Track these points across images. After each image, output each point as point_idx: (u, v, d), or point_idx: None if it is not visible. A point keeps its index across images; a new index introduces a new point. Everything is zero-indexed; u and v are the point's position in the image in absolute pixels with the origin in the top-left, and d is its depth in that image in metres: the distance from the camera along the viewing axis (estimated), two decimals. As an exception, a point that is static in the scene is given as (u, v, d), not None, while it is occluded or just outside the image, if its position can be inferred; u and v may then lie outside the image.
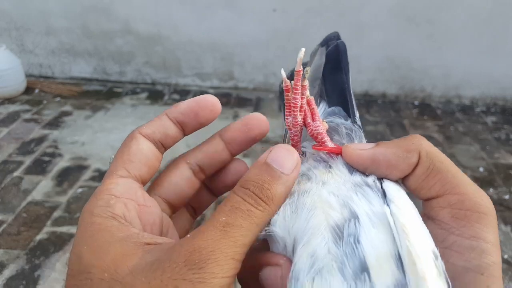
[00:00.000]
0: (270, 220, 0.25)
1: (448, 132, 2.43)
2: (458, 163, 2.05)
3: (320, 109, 0.37)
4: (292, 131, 0.30)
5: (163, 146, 0.29)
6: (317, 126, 0.30)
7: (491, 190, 1.85)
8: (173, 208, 0.31)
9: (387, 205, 0.24)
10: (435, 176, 0.25)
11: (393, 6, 2.53)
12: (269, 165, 0.25)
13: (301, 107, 0.30)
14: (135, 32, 2.70)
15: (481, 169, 2.00)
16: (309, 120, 0.30)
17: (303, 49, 0.29)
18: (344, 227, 0.23)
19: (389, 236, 0.22)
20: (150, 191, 0.30)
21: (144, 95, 2.73)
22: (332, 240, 0.23)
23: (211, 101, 0.29)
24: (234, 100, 2.71)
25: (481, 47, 2.62)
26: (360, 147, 0.27)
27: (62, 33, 2.74)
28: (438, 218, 0.25)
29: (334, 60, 0.37)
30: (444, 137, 2.36)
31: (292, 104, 0.30)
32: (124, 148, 0.27)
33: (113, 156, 0.27)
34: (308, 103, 0.31)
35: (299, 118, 0.30)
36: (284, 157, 0.25)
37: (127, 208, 0.25)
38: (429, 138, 2.46)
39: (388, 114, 2.62)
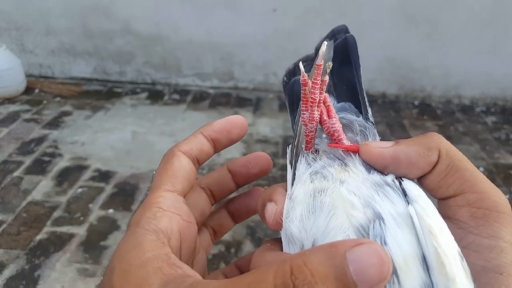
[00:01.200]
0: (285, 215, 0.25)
1: (448, 132, 2.43)
2: (458, 163, 2.05)
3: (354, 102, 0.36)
4: (308, 127, 0.30)
5: (198, 162, 0.31)
6: (334, 123, 0.29)
7: (491, 190, 1.85)
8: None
9: (410, 205, 0.23)
10: (454, 175, 0.25)
11: (393, 6, 2.53)
12: (344, 262, 0.17)
13: (318, 102, 0.29)
14: (135, 32, 2.70)
15: (481, 169, 2.00)
16: (325, 117, 0.30)
17: (326, 43, 0.28)
18: (369, 228, 0.22)
19: (414, 237, 0.22)
20: None
21: (144, 95, 2.73)
22: None
23: (241, 121, 0.32)
24: (234, 100, 2.71)
25: (481, 47, 2.62)
26: (380, 145, 0.27)
27: (62, 33, 2.74)
28: (455, 217, 0.25)
29: (342, 54, 0.36)
30: (444, 137, 2.34)
31: (310, 100, 0.29)
32: (166, 164, 0.29)
33: (154, 172, 0.29)
34: (324, 100, 0.30)
35: (316, 114, 0.29)
36: (371, 264, 0.17)
37: (171, 222, 0.26)
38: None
39: (388, 114, 2.62)
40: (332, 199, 0.25)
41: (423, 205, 0.23)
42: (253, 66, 2.79)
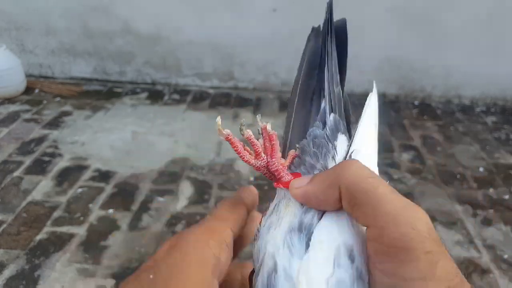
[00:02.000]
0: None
1: (448, 132, 2.43)
2: (458, 163, 2.05)
3: (324, 110, 0.36)
4: (261, 171, 0.31)
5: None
6: (273, 164, 0.31)
7: (491, 190, 1.85)
8: None
9: (299, 259, 0.24)
10: (357, 210, 0.24)
11: (393, 6, 2.53)
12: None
13: (258, 156, 0.31)
14: (135, 32, 2.70)
15: (481, 169, 2.00)
16: (268, 158, 0.31)
17: (219, 117, 0.30)
18: (270, 279, 0.24)
19: None
20: None
21: (144, 95, 2.73)
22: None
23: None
24: (234, 100, 2.71)
25: (481, 47, 2.61)
26: (298, 184, 0.28)
27: (62, 33, 2.74)
28: (368, 251, 0.24)
29: (341, 37, 0.36)
30: (444, 137, 2.36)
31: (246, 159, 0.31)
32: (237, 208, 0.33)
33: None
34: (270, 139, 0.31)
35: (260, 163, 0.31)
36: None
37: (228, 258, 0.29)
38: (429, 138, 2.45)
39: (388, 114, 2.62)
40: (265, 241, 0.27)
41: (312, 257, 0.24)
42: (253, 66, 2.79)
